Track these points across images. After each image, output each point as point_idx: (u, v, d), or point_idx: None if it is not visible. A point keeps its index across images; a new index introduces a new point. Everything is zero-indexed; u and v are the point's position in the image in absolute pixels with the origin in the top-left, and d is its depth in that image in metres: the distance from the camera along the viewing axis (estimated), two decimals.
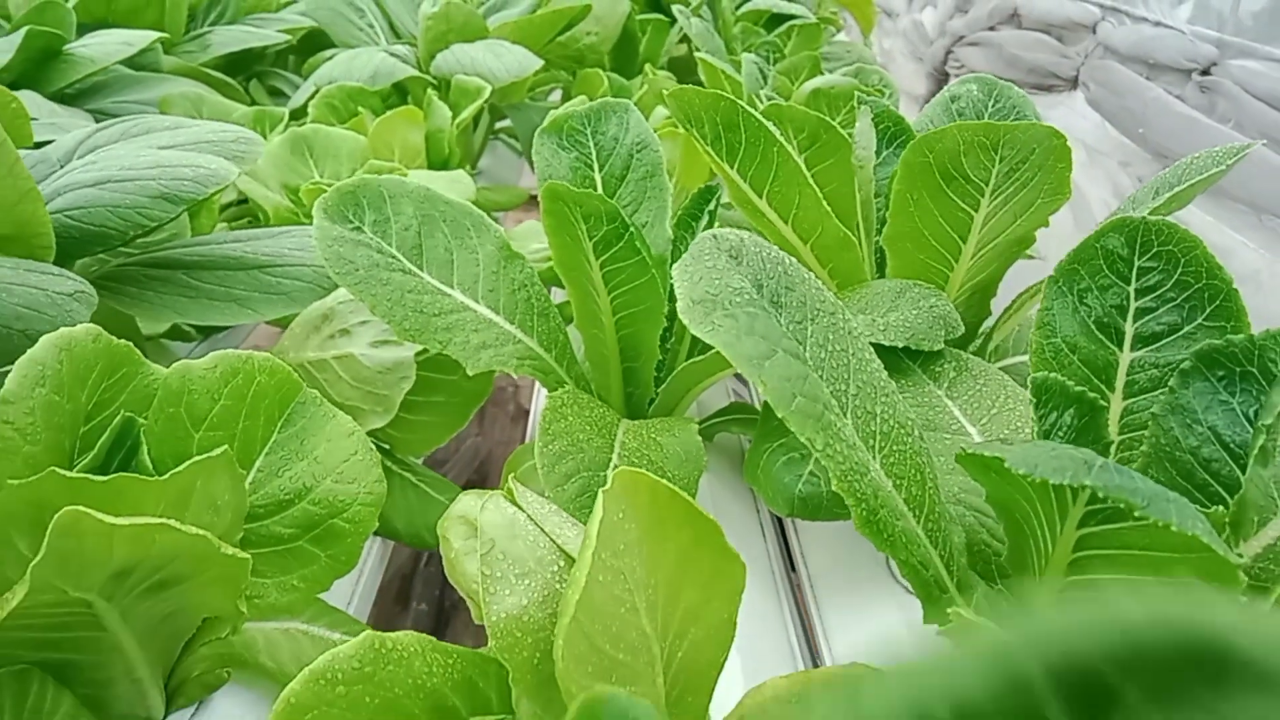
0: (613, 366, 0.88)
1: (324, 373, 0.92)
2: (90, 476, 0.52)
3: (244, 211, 1.50)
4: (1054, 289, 0.58)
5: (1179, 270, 0.57)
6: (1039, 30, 3.49)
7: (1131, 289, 0.58)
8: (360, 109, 1.66)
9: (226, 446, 0.59)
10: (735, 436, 0.98)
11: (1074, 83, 3.10)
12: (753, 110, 0.76)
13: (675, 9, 2.22)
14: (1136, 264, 0.57)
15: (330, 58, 1.87)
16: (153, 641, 0.60)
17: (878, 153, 0.93)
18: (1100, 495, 0.41)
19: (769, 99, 1.29)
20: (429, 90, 1.73)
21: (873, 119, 0.91)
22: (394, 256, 0.84)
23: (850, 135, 0.91)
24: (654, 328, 0.83)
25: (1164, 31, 2.82)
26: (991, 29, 3.84)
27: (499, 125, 2.24)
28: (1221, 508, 0.50)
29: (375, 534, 0.98)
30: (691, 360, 0.82)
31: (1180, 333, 0.57)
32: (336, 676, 0.48)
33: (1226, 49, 2.55)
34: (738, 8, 2.57)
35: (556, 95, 2.34)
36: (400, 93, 1.87)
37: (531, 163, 2.01)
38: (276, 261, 0.98)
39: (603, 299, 0.83)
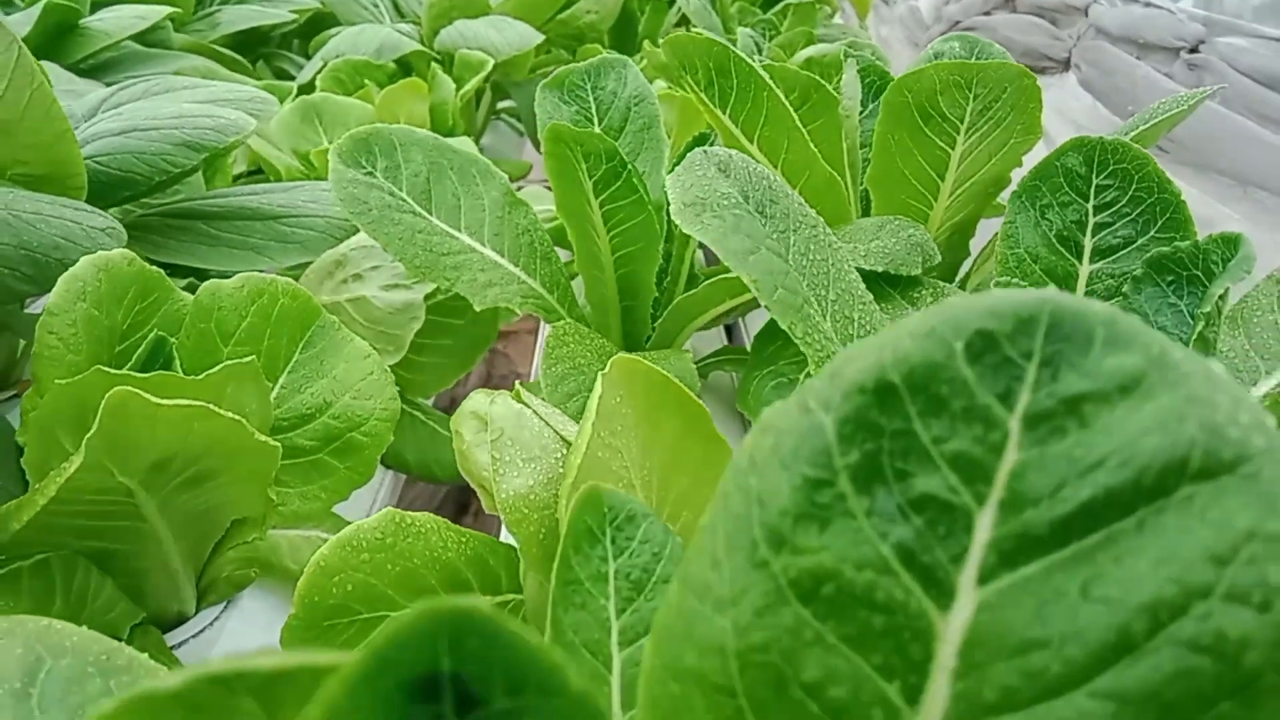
0: (611, 306, 0.93)
1: (338, 315, 0.97)
2: (131, 373, 0.57)
3: (255, 181, 1.54)
4: (1017, 204, 0.63)
5: (1133, 187, 0.62)
6: (1033, 14, 3.53)
7: (1090, 205, 0.63)
8: (366, 82, 1.71)
9: (254, 356, 0.64)
10: (728, 376, 1.03)
11: (1066, 64, 3.14)
12: (744, 55, 0.81)
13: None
14: (1094, 182, 0.62)
15: (337, 34, 1.91)
16: (187, 536, 0.65)
17: (863, 105, 0.98)
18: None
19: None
20: (433, 64, 1.77)
21: (858, 72, 0.96)
22: (404, 200, 0.89)
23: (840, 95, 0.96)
24: (650, 266, 0.88)
25: (1154, 11, 2.86)
26: (987, 14, 3.87)
27: (501, 105, 2.28)
28: None
29: (387, 467, 1.04)
30: (686, 294, 0.87)
31: (1134, 245, 0.62)
32: (361, 544, 0.53)
33: (1214, 27, 2.60)
34: None
35: None
36: (405, 69, 1.92)
37: (535, 141, 2.05)
38: (291, 212, 1.03)
39: (602, 240, 0.88)
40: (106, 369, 0.57)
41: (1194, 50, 2.61)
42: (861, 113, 0.98)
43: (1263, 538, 0.20)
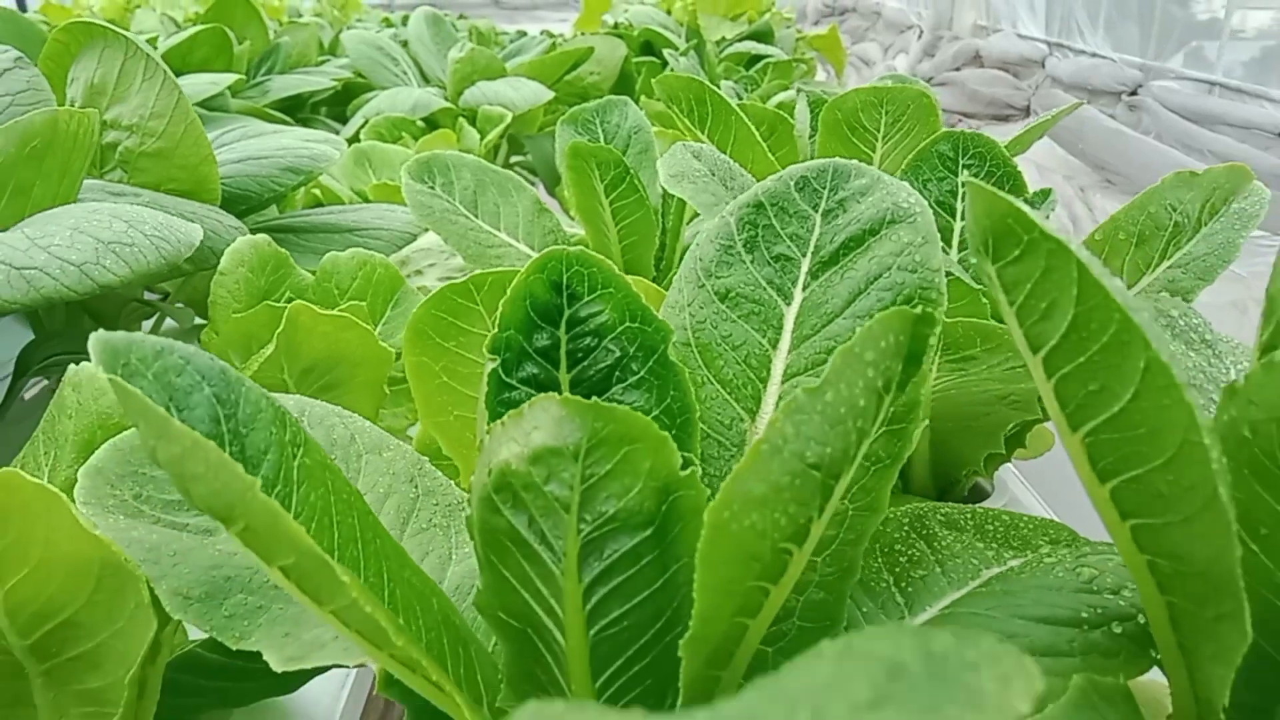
0: None
1: None
2: (281, 305, 0.82)
3: None
4: (906, 178, 0.88)
5: (987, 164, 0.87)
6: (997, 68, 3.86)
7: (958, 179, 0.88)
8: (403, 134, 1.99)
9: (365, 303, 0.89)
10: None
11: (1027, 110, 3.45)
12: (716, 89, 1.08)
13: (666, 53, 2.57)
14: (960, 162, 0.88)
15: (373, 97, 2.20)
16: None
17: (812, 128, 1.24)
18: None
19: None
20: (460, 119, 2.06)
21: (808, 104, 1.23)
22: (457, 207, 1.15)
23: None
24: (649, 251, 1.13)
25: (1099, 61, 3.17)
26: (956, 69, 4.21)
27: (515, 159, 2.57)
28: None
29: None
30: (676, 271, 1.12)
31: None
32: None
33: (1149, 72, 2.90)
34: (721, 52, 2.92)
35: None
36: (432, 125, 2.20)
37: (548, 186, 2.33)
38: (362, 226, 1.29)
39: (611, 232, 1.13)
40: (272, 303, 0.82)
41: (1133, 94, 2.91)
42: (811, 135, 1.25)
43: (915, 245, 0.45)
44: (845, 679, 0.15)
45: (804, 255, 0.48)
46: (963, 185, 0.89)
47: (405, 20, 3.46)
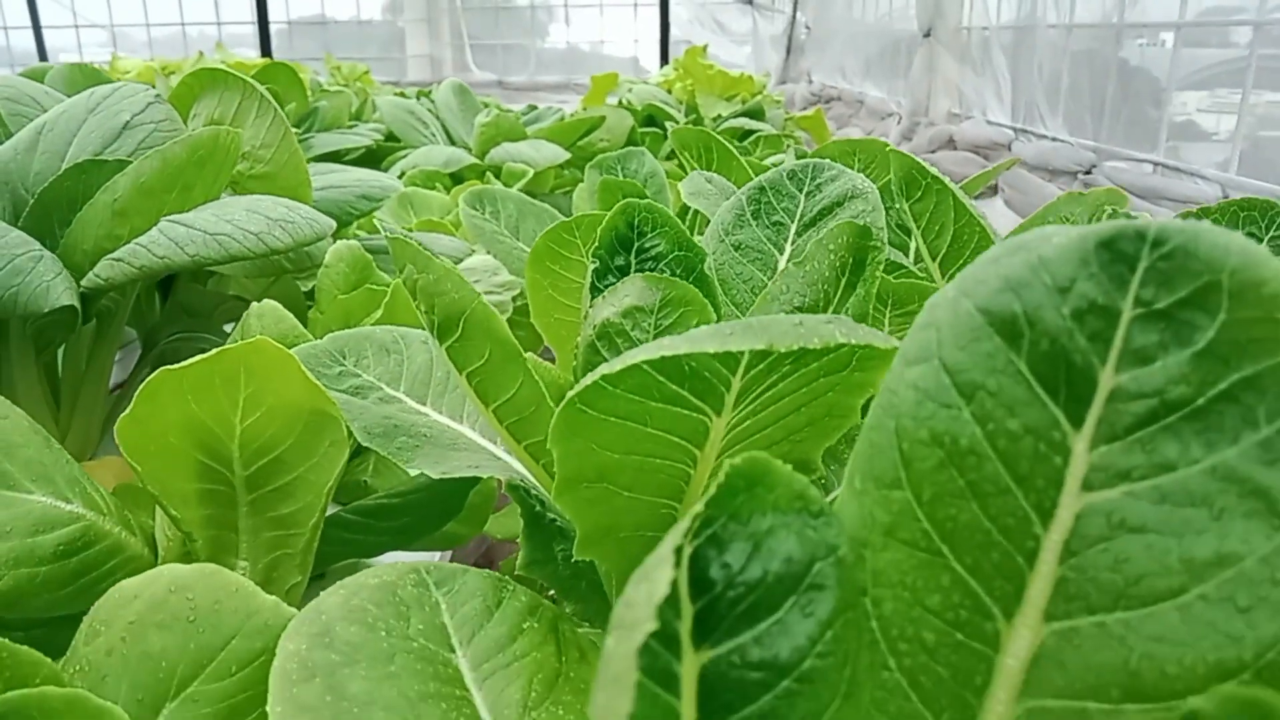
0: None
1: None
2: (381, 287, 1.04)
3: None
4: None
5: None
6: (968, 151, 4.19)
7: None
8: (436, 185, 2.24)
9: None
10: None
11: (995, 189, 3.75)
12: (721, 138, 1.32)
13: (668, 125, 2.85)
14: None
15: (406, 153, 2.46)
16: None
17: None
18: None
19: None
20: (487, 173, 2.31)
21: (795, 156, 1.48)
22: (503, 231, 1.38)
23: None
24: None
25: (1059, 144, 3.49)
26: (932, 151, 4.54)
27: None
28: None
29: None
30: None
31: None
32: None
33: (1101, 154, 3.21)
34: (717, 127, 3.22)
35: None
36: (458, 180, 2.46)
37: None
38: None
39: None
40: (373, 286, 1.04)
41: (1088, 173, 3.21)
42: None
43: (867, 211, 0.67)
44: None
45: (792, 221, 0.70)
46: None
47: (419, 96, 3.77)
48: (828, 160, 0.71)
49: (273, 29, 10.25)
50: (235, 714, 0.44)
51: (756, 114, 3.34)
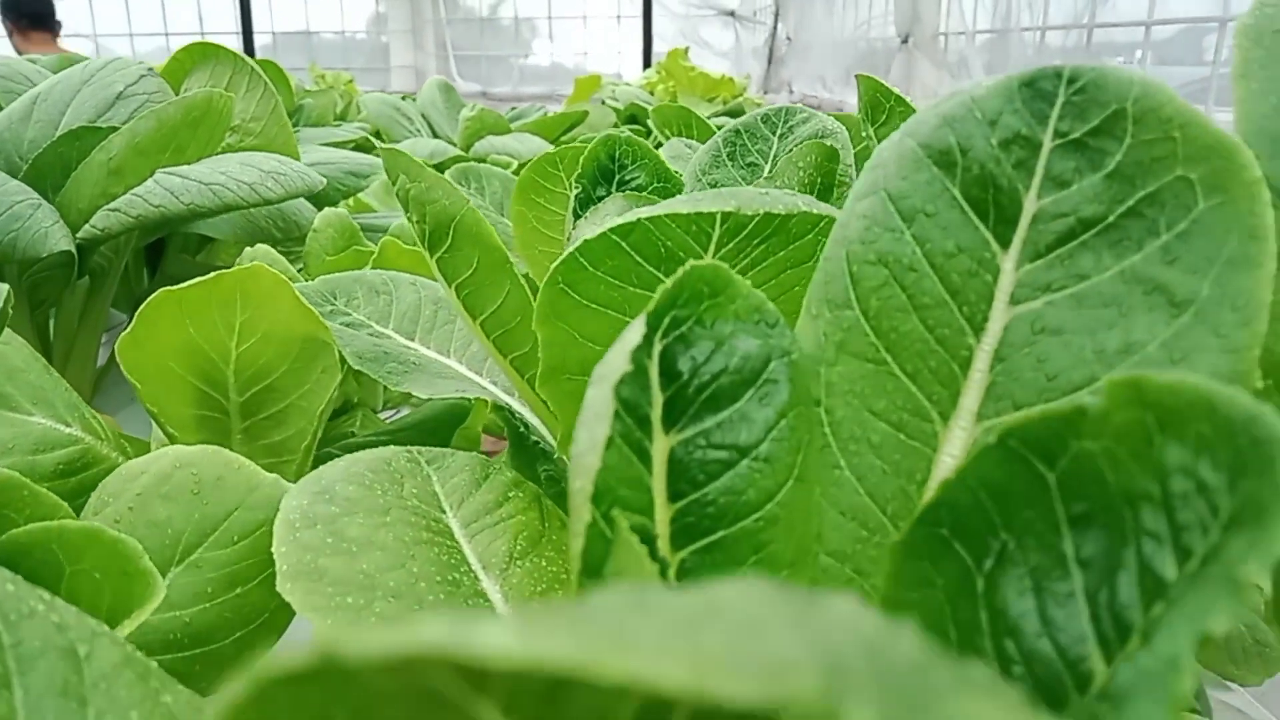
0: None
1: None
2: (368, 249, 1.07)
3: None
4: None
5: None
6: None
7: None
8: None
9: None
10: None
11: None
12: (699, 114, 1.36)
13: (649, 122, 2.90)
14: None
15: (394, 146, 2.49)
16: None
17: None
18: None
19: None
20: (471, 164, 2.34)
21: None
22: (488, 208, 1.42)
23: None
24: None
25: None
26: None
27: None
28: None
29: None
30: None
31: None
32: None
33: None
34: None
35: None
36: (441, 170, 2.49)
37: None
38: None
39: None
40: (360, 249, 1.07)
41: None
42: None
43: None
44: None
45: (766, 163, 0.74)
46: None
47: (404, 98, 3.81)
48: (799, 106, 0.75)
49: (257, 41, 10.26)
50: (237, 579, 0.47)
51: (737, 115, 3.39)
